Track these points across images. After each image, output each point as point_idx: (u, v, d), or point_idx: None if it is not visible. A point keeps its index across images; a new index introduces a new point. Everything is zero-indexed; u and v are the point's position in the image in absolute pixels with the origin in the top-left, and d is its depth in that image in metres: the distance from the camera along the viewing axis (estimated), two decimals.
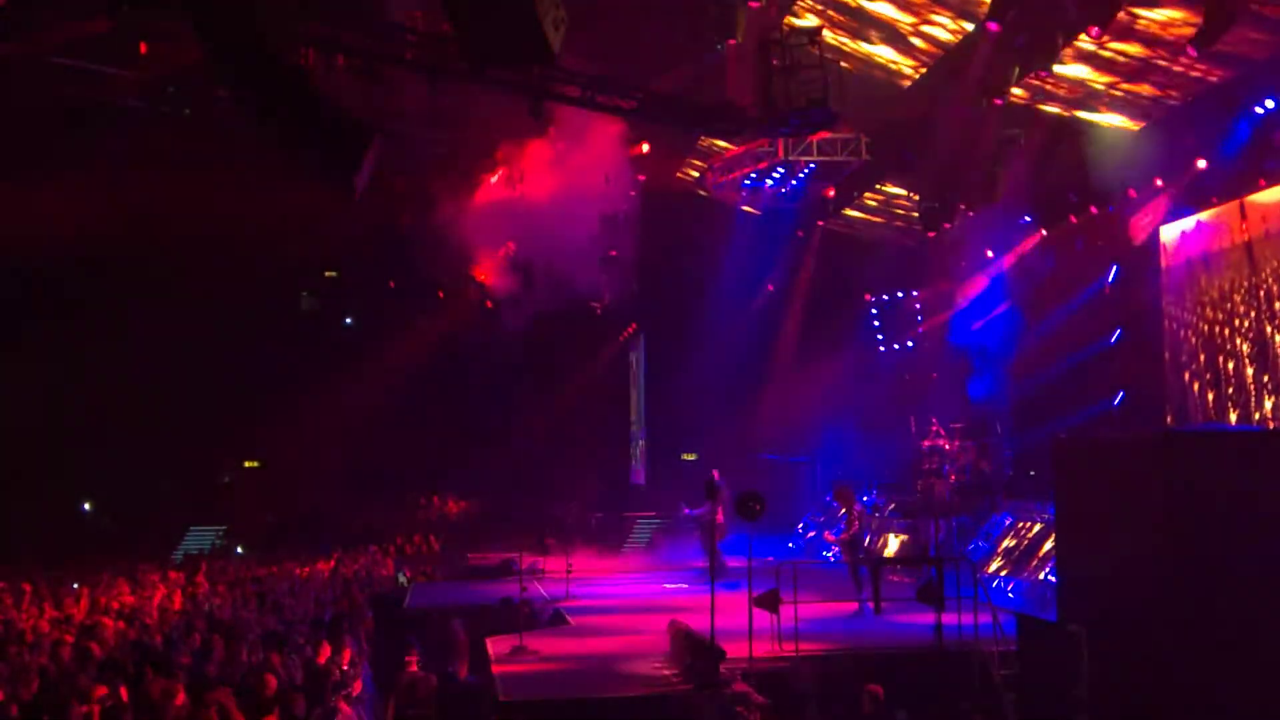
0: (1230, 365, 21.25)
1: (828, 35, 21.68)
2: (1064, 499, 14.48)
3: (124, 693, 12.13)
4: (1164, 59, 19.66)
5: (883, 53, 22.73)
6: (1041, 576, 19.46)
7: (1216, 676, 11.39)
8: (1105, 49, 19.71)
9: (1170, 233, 23.06)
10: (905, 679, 14.07)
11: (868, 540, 25.78)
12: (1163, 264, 23.26)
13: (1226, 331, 21.31)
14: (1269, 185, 20.36)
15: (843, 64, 22.46)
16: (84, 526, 34.87)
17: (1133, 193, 23.55)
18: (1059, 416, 24.64)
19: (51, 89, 21.72)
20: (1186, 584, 11.69)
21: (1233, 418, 20.89)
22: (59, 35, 20.00)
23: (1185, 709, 11.41)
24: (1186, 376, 22.36)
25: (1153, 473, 12.29)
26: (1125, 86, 21.05)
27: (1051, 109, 22.65)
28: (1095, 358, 25.12)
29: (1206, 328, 21.97)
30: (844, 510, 20.12)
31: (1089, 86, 21.29)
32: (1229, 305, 21.25)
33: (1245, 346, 20.82)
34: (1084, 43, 19.22)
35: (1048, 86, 21.26)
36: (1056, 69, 19.98)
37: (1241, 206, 20.83)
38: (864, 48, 22.80)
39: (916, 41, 22.07)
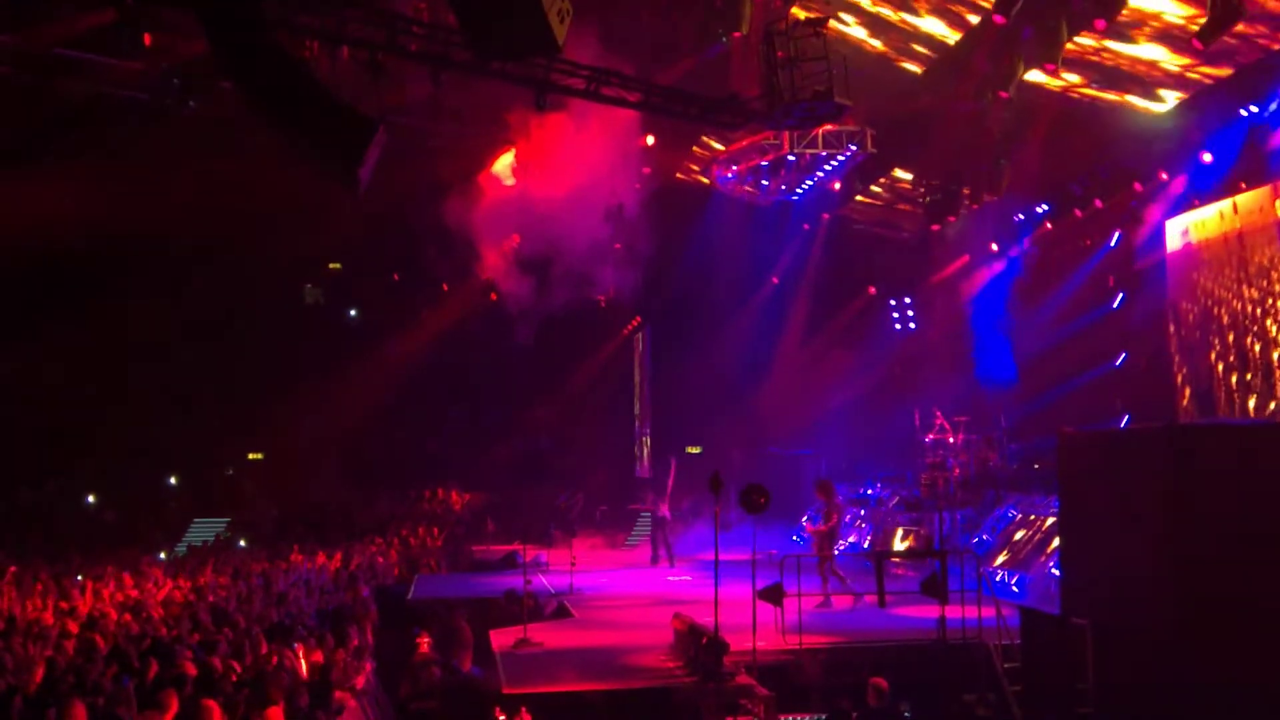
0: (1247, 353, 21.19)
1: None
2: (1068, 492, 14.47)
3: (129, 685, 12.14)
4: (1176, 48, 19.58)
5: (930, 26, 22.32)
6: (1046, 570, 19.43)
7: (1221, 670, 11.38)
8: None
9: (1179, 223, 23.03)
10: (909, 672, 14.09)
11: (871, 535, 25.90)
12: (1171, 254, 23.23)
13: (1258, 311, 21.20)
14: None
15: (877, 43, 22.26)
16: (88, 519, 34.91)
17: (1138, 185, 23.51)
18: (1066, 409, 24.63)
19: (55, 81, 21.69)
20: (1191, 578, 11.69)
21: (1251, 404, 20.89)
22: (63, 27, 19.99)
23: (1189, 702, 11.39)
24: (1209, 360, 22.28)
25: (1158, 466, 12.28)
26: (1139, 72, 20.88)
27: (1059, 95, 22.51)
28: (1104, 352, 25.13)
29: (1217, 320, 21.93)
30: (824, 503, 20.26)
31: (1103, 70, 21.14)
32: (1255, 290, 21.14)
33: (1273, 328, 20.78)
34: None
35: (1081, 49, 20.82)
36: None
37: (1274, 189, 20.72)
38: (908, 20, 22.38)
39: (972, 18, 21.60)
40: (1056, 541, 18.98)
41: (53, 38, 20.33)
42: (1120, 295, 24.97)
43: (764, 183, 26.60)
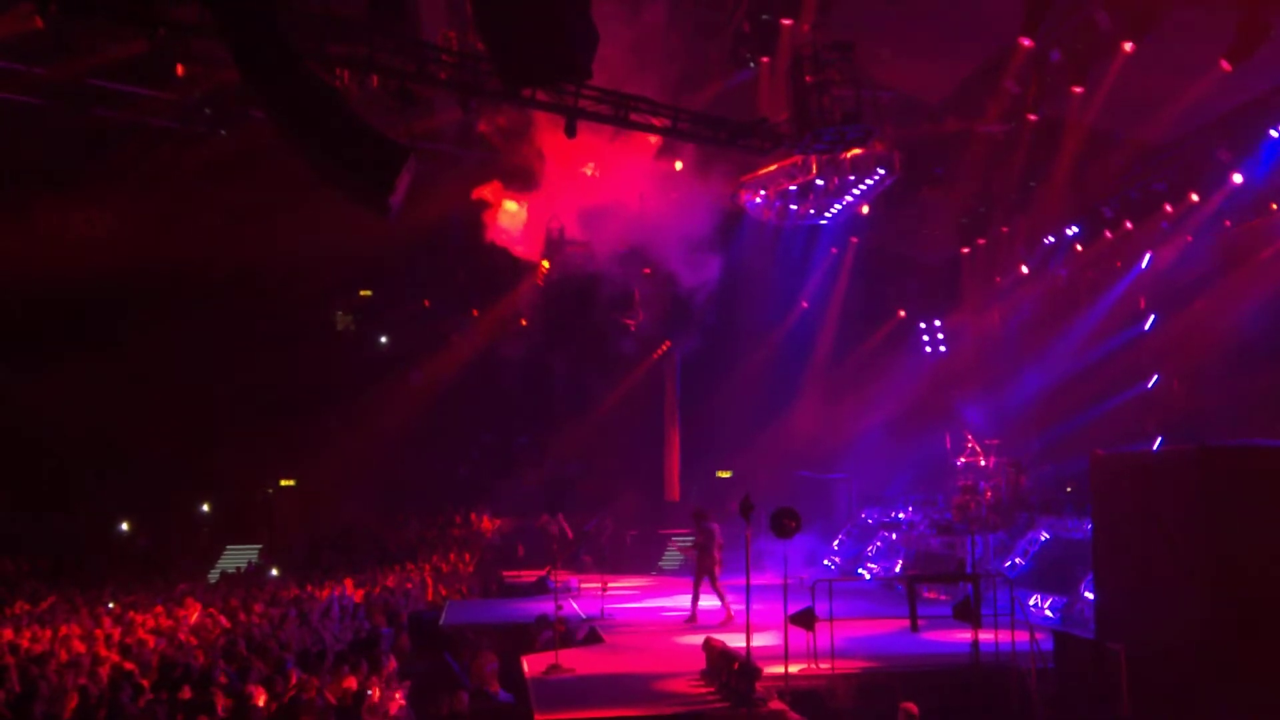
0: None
1: None
2: (1101, 515, 14.39)
3: (161, 713, 12.18)
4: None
5: None
6: (1080, 594, 19.31)
7: (1257, 694, 11.28)
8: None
9: (1209, 245, 22.92)
10: (942, 697, 13.99)
11: (903, 559, 25.77)
12: (1202, 274, 23.11)
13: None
14: None
15: None
16: (121, 546, 35.10)
17: (1169, 207, 23.41)
18: (1099, 431, 24.48)
19: (88, 110, 21.93)
20: (1226, 602, 11.60)
21: None
22: (96, 58, 20.22)
23: None
24: (1241, 380, 22.12)
25: (1190, 488, 12.20)
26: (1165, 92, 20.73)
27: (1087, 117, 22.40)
28: (1136, 374, 24.99)
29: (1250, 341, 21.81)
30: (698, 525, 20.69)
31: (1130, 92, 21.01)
32: None
33: None
34: None
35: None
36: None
37: None
38: None
39: None
40: (1088, 563, 18.89)
41: (86, 68, 20.58)
42: (1152, 316, 24.83)
43: (792, 207, 26.56)
